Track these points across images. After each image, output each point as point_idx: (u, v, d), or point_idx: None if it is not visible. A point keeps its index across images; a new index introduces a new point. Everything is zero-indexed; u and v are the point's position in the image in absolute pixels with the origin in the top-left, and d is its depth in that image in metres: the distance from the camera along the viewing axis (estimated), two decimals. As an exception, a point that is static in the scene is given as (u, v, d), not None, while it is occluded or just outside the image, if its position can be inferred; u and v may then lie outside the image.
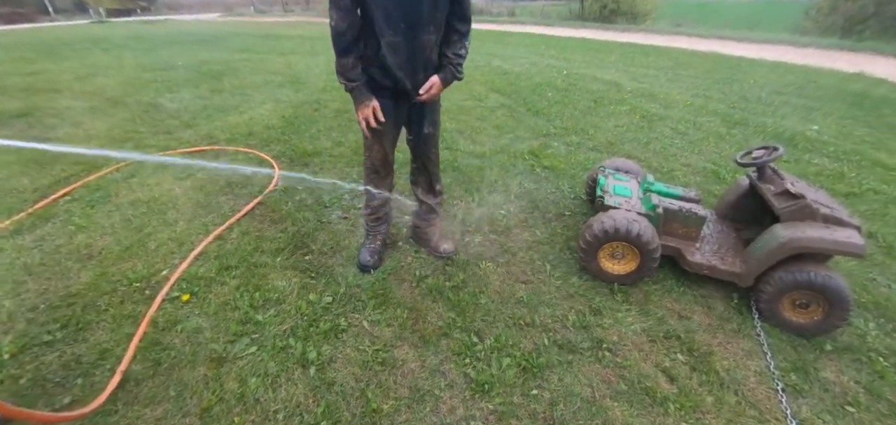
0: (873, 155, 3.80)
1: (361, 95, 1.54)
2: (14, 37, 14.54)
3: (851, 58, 10.28)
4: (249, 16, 27.34)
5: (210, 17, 25.97)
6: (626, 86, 6.37)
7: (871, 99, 5.98)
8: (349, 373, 1.41)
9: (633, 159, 3.45)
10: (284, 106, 4.60)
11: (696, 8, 41.73)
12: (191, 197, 2.55)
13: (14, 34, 16.48)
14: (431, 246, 2.07)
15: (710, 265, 1.86)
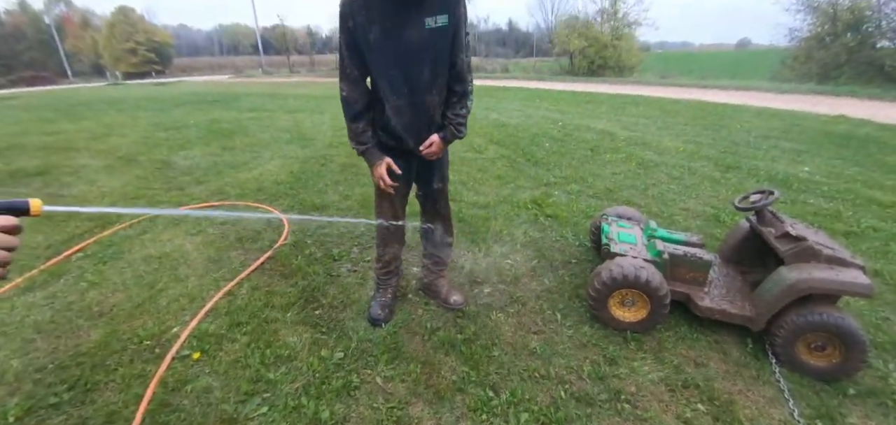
0: (867, 193, 3.89)
1: (373, 156, 1.63)
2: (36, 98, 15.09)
3: (831, 102, 10.73)
4: (258, 77, 28.63)
5: (221, 79, 27.16)
6: (619, 134, 6.59)
7: (856, 139, 6.19)
8: (365, 433, 1.37)
9: (633, 206, 3.52)
10: (292, 161, 4.73)
11: (679, 59, 43.99)
12: (202, 252, 2.58)
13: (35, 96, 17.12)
14: (441, 298, 2.07)
15: (721, 309, 1.87)
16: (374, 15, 1.44)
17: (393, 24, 1.44)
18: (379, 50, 1.48)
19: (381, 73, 1.54)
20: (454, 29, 1.51)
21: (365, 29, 1.45)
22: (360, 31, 1.46)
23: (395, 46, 1.47)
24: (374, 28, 1.45)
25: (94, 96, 14.16)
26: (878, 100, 10.97)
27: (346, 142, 5.83)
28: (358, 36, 1.47)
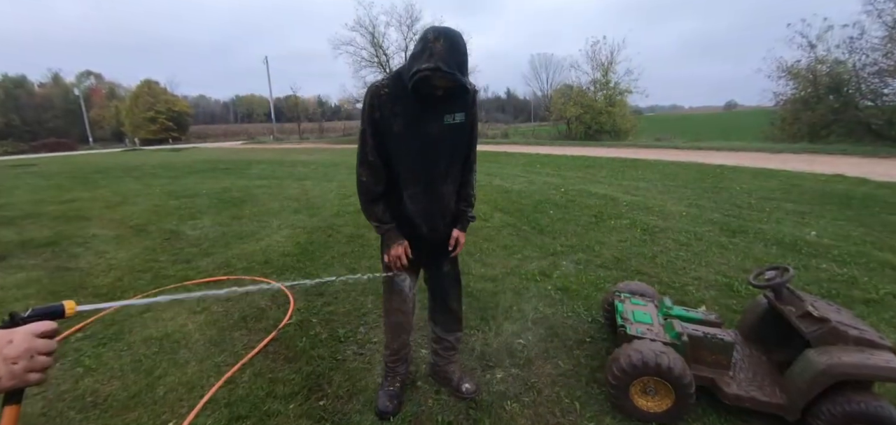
0: (879, 256, 3.83)
1: (393, 237, 1.69)
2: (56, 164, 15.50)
3: (825, 160, 10.95)
4: (269, 143, 29.71)
5: (234, 145, 28.15)
6: (621, 199, 6.66)
7: (857, 198, 6.23)
8: None
9: (643, 276, 3.47)
10: (299, 231, 4.76)
11: (670, 121, 45.62)
12: (204, 333, 2.50)
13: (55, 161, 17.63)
14: (453, 385, 1.97)
15: (750, 396, 1.76)
16: (399, 108, 1.54)
17: (415, 118, 1.55)
18: (401, 140, 1.58)
19: (401, 162, 1.62)
20: (470, 126, 1.67)
21: (389, 120, 1.55)
22: (385, 121, 1.56)
23: (416, 139, 1.57)
24: (397, 120, 1.55)
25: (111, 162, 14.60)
26: (871, 157, 11.19)
27: (352, 211, 5.93)
28: (382, 126, 1.57)
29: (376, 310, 2.80)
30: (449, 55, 1.38)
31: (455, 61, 1.40)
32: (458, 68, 1.41)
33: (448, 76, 1.39)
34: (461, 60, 1.42)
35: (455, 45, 1.41)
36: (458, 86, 1.46)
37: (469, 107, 1.63)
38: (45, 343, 0.68)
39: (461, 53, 1.42)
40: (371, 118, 1.57)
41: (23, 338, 0.66)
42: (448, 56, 1.38)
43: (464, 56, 1.44)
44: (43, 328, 0.69)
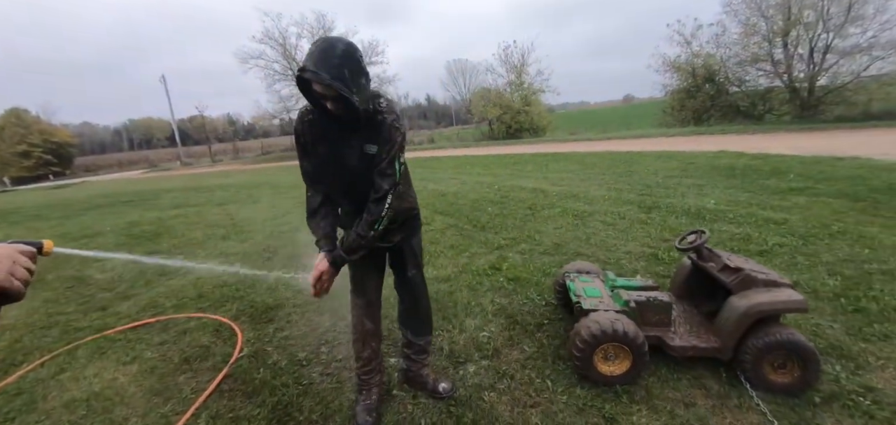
0: (763, 214, 4.58)
1: (318, 251, 1.66)
2: None
3: (710, 140, 12.77)
4: (176, 169, 26.68)
5: (134, 175, 24.80)
6: (550, 191, 7.12)
7: (739, 169, 7.36)
8: None
9: (582, 257, 3.76)
10: (232, 259, 4.37)
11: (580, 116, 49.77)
12: (141, 383, 2.20)
13: None
14: (429, 388, 1.97)
15: (692, 346, 2.01)
16: (320, 134, 1.59)
17: (336, 145, 1.59)
18: (325, 166, 1.64)
19: (328, 185, 1.69)
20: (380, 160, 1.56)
21: (314, 145, 1.61)
22: (310, 146, 1.62)
23: (338, 166, 1.62)
24: (320, 146, 1.61)
25: (-31, 213, 12.07)
26: (742, 134, 13.29)
27: (288, 230, 5.60)
28: (309, 149, 1.63)
29: (335, 329, 2.69)
30: (322, 58, 1.34)
31: (329, 65, 1.34)
32: (334, 72, 1.34)
33: (315, 76, 1.33)
34: (338, 64, 1.35)
35: (330, 48, 1.36)
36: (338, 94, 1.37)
37: (384, 143, 1.54)
38: (25, 259, 0.77)
39: (337, 57, 1.35)
40: (298, 142, 1.65)
41: (6, 248, 0.75)
42: (320, 59, 1.34)
43: (343, 61, 1.36)
44: (24, 247, 0.78)
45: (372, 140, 1.55)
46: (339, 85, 1.34)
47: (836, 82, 15.32)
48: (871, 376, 1.93)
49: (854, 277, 2.95)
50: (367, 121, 1.52)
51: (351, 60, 1.40)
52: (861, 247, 3.47)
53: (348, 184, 1.66)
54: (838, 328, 2.34)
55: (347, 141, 1.57)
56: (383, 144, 1.55)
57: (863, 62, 14.70)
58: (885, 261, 3.18)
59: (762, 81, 17.44)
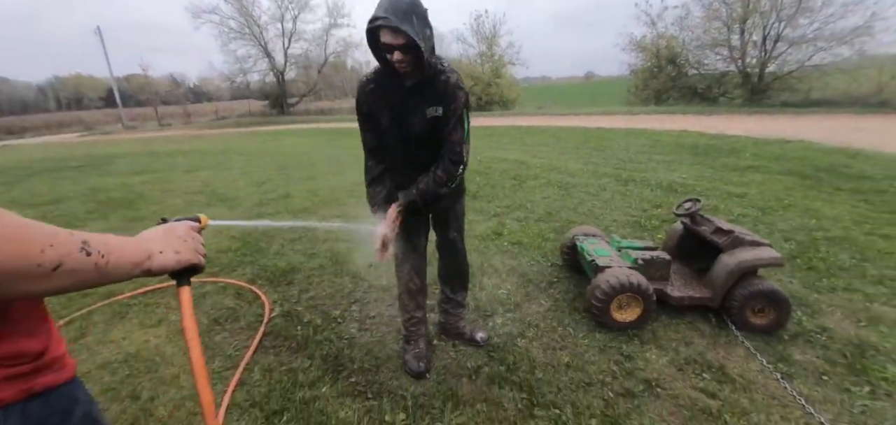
0: (725, 188, 5.10)
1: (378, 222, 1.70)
2: None
3: (673, 119, 13.58)
4: (119, 133, 24.53)
5: (69, 138, 22.53)
6: (531, 162, 7.41)
7: (701, 148, 7.99)
8: (470, 479, 1.42)
9: (572, 223, 4.06)
10: (226, 227, 4.30)
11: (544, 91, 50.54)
12: (177, 344, 2.24)
13: None
14: (466, 337, 2.18)
15: (688, 296, 2.34)
16: (384, 102, 1.64)
17: (400, 112, 1.64)
18: (386, 134, 1.69)
19: (388, 152, 1.76)
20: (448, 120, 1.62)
21: (376, 114, 1.66)
22: (372, 115, 1.67)
23: (400, 133, 1.67)
24: (383, 114, 1.65)
25: None
26: (700, 115, 14.24)
27: (276, 198, 5.52)
28: (370, 120, 1.69)
29: (359, 289, 2.82)
30: (391, 5, 1.36)
31: (399, 11, 1.36)
32: (404, 19, 1.36)
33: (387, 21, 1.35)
34: (407, 10, 1.37)
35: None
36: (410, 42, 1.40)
37: (447, 103, 1.59)
38: (198, 236, 0.84)
39: (406, 4, 1.38)
40: (360, 113, 1.70)
41: (183, 226, 0.81)
42: (390, 6, 1.36)
43: (411, 8, 1.38)
44: (193, 225, 0.85)
45: (436, 102, 1.59)
46: (408, 29, 1.38)
47: (783, 70, 16.66)
48: (824, 319, 2.36)
49: (805, 242, 3.45)
50: (430, 82, 1.57)
51: (418, 8, 1.42)
52: (809, 218, 4.02)
53: (410, 152, 1.70)
54: (796, 283, 2.78)
55: (410, 105, 1.61)
56: (449, 103, 1.59)
57: (808, 52, 16.06)
58: (828, 229, 3.72)
59: (719, 66, 18.60)
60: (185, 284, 0.83)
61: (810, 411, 1.68)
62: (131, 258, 0.65)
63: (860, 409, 1.70)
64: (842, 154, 6.91)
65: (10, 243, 0.47)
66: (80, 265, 0.55)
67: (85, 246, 0.55)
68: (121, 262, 0.62)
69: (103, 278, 0.59)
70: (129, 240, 0.67)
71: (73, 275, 0.54)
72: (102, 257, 0.58)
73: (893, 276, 2.82)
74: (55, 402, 0.62)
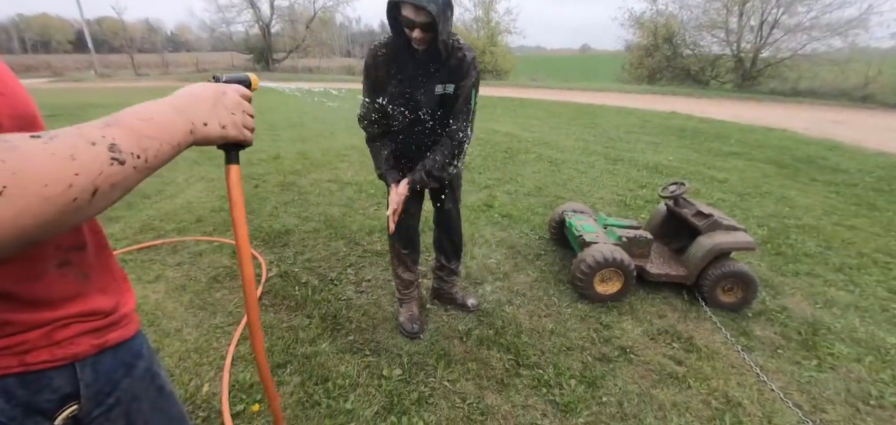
0: (708, 172, 5.29)
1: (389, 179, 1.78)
2: None
3: (663, 100, 13.70)
4: (92, 80, 23.40)
5: (37, 83, 21.37)
6: (523, 136, 7.47)
7: (688, 131, 8.16)
8: (461, 429, 1.57)
9: (561, 199, 4.19)
10: (218, 184, 4.30)
11: (538, 62, 49.88)
12: (178, 299, 2.32)
13: None
14: (458, 303, 2.31)
15: (665, 273, 2.51)
16: (394, 70, 1.64)
17: (409, 82, 1.65)
18: (393, 103, 1.69)
19: (393, 121, 1.75)
20: (458, 97, 1.67)
21: (385, 81, 1.66)
22: (381, 82, 1.67)
23: (407, 104, 1.68)
24: (393, 82, 1.66)
25: None
26: (690, 97, 14.37)
27: (266, 159, 5.48)
28: (378, 86, 1.68)
29: (355, 253, 2.92)
30: None
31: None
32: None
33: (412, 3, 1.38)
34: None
35: None
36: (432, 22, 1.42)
37: (460, 79, 1.62)
38: (248, 105, 0.72)
39: None
40: (368, 78, 1.70)
41: (233, 93, 0.69)
42: None
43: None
44: (243, 91, 0.72)
45: (447, 79, 1.62)
46: (433, 7, 1.40)
47: (776, 56, 16.81)
48: (786, 300, 2.56)
49: (776, 229, 3.66)
50: (445, 59, 1.59)
51: None
52: (783, 206, 4.23)
53: (414, 124, 1.72)
54: (765, 266, 2.99)
55: (421, 80, 1.63)
56: (460, 82, 1.62)
57: (802, 41, 16.21)
58: (799, 217, 3.94)
59: (714, 48, 18.64)
60: (233, 162, 0.75)
61: (764, 379, 1.88)
62: (172, 140, 0.55)
63: (807, 380, 1.91)
64: (821, 146, 7.17)
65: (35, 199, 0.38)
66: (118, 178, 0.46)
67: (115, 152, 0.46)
68: (161, 151, 0.53)
69: (147, 173, 0.52)
70: (169, 116, 0.56)
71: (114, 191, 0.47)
72: (139, 158, 0.49)
73: (852, 264, 3.05)
74: (122, 356, 0.65)
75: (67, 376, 0.57)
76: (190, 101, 0.61)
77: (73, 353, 0.57)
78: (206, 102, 0.63)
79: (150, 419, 0.71)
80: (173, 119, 0.56)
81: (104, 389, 0.62)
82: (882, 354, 2.10)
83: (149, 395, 0.71)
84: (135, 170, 0.49)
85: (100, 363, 0.61)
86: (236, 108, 0.68)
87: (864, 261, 3.12)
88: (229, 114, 0.66)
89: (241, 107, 0.69)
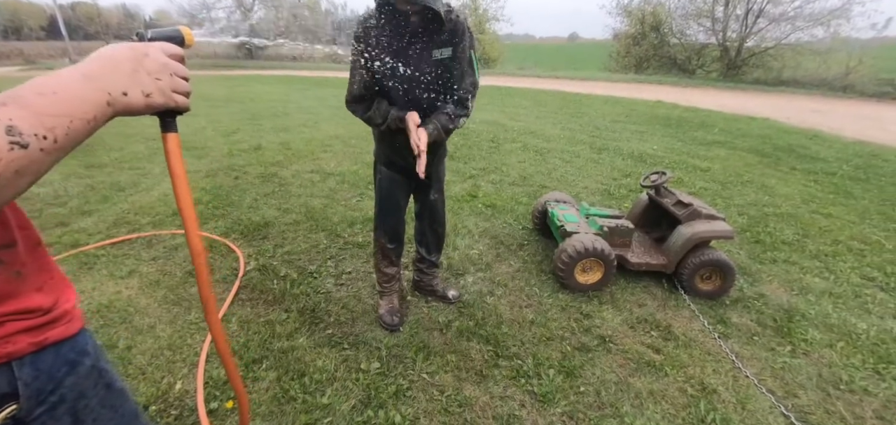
0: (691, 162, 5.34)
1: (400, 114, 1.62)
2: None
3: (649, 89, 13.79)
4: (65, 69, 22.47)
5: (8, 72, 20.54)
6: (509, 125, 7.45)
7: (673, 120, 8.23)
8: (438, 423, 1.56)
9: (546, 188, 4.19)
10: (195, 176, 4.19)
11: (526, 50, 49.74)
12: (151, 295, 2.26)
13: None
14: (439, 294, 2.29)
15: (645, 262, 2.53)
16: (386, 41, 1.55)
17: (403, 52, 1.56)
18: (387, 76, 1.59)
19: (388, 96, 1.66)
20: (457, 62, 1.61)
21: (377, 54, 1.55)
22: (372, 55, 1.55)
23: (402, 73, 1.58)
24: (385, 54, 1.56)
25: None
26: (676, 86, 14.49)
27: (247, 149, 5.37)
28: (370, 60, 1.57)
29: (335, 245, 2.87)
30: None
31: None
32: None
33: None
34: None
35: None
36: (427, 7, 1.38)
37: (456, 43, 1.57)
38: (179, 65, 0.64)
39: None
40: (358, 51, 1.58)
41: (157, 53, 0.61)
42: None
43: None
44: (172, 50, 0.64)
45: (444, 43, 1.54)
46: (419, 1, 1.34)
47: (761, 46, 17.02)
48: (763, 287, 2.61)
49: (756, 217, 3.71)
50: (437, 21, 1.50)
51: None
52: (763, 194, 4.30)
53: (408, 96, 1.61)
54: (743, 254, 3.03)
55: (415, 47, 1.54)
56: (458, 44, 1.56)
57: (786, 30, 16.43)
58: (778, 206, 4.00)
59: (701, 37, 18.79)
60: (169, 130, 0.68)
61: (739, 366, 1.91)
62: (85, 116, 0.49)
63: (781, 365, 1.95)
64: (802, 135, 7.30)
65: None
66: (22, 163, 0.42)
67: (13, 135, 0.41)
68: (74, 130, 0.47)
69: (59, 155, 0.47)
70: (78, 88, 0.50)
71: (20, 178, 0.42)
72: (46, 138, 0.44)
73: (827, 251, 3.11)
74: (64, 354, 0.63)
75: (5, 376, 0.56)
76: (104, 68, 0.54)
77: (9, 352, 0.56)
78: (124, 68, 0.56)
79: (100, 416, 0.69)
80: (84, 91, 0.50)
81: (46, 388, 0.61)
82: (853, 339, 2.15)
83: (97, 393, 0.69)
84: (43, 152, 0.44)
85: (40, 361, 0.59)
86: (162, 72, 0.60)
87: (840, 248, 3.18)
88: (153, 80, 0.59)
89: (167, 69, 0.61)
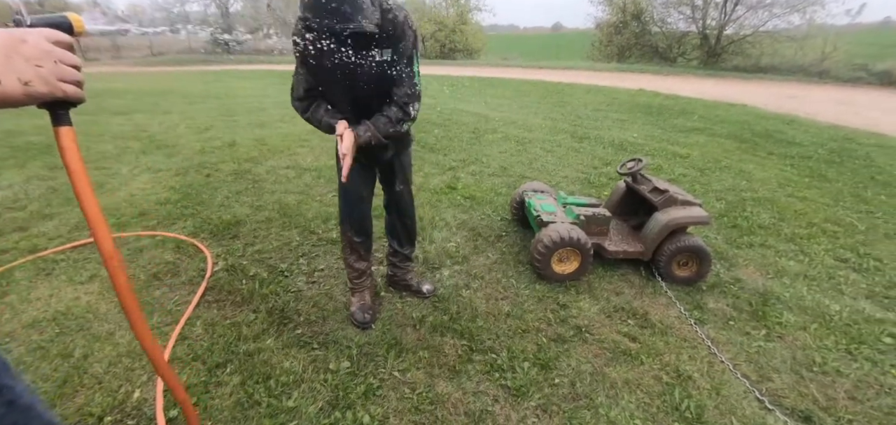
0: (671, 149, 5.37)
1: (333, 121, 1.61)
2: None
3: (631, 77, 13.89)
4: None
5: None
6: (491, 116, 7.40)
7: (654, 108, 8.28)
8: (408, 421, 1.51)
9: (526, 178, 4.16)
10: (165, 175, 4.03)
11: (511, 40, 49.67)
12: (112, 300, 2.14)
13: None
14: (413, 289, 2.23)
15: (622, 250, 2.51)
16: (324, 43, 1.46)
17: (341, 55, 1.47)
18: (326, 76, 1.54)
19: (330, 97, 1.63)
20: (397, 63, 1.55)
21: (315, 55, 1.48)
22: (309, 55, 1.49)
23: (341, 76, 1.52)
24: (323, 55, 1.47)
25: None
26: (657, 74, 14.62)
27: (220, 146, 5.21)
28: (308, 60, 1.51)
29: (308, 242, 2.79)
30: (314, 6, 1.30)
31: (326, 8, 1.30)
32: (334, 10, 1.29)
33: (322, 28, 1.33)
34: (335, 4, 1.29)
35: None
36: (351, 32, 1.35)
37: (395, 44, 1.50)
38: (65, 52, 0.61)
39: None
40: (297, 51, 1.53)
41: (37, 39, 0.57)
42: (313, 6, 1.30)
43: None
44: (57, 36, 0.61)
45: (383, 44, 1.49)
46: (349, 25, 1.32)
47: (739, 33, 17.29)
48: (739, 272, 2.62)
49: (733, 202, 3.75)
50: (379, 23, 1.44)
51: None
52: (740, 179, 4.35)
53: (356, 98, 1.59)
54: (720, 239, 3.05)
55: (356, 50, 1.48)
56: (397, 44, 1.50)
57: (763, 17, 16.72)
58: (755, 190, 4.05)
59: (681, 25, 18.98)
60: (62, 123, 0.64)
61: (714, 351, 1.90)
62: None
63: (755, 350, 1.95)
64: (779, 120, 7.42)
65: None
66: None
67: None
68: None
69: None
70: None
71: None
72: None
73: (802, 234, 3.15)
74: None
75: None
76: None
77: None
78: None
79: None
80: None
81: None
82: (827, 321, 2.17)
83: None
84: None
85: None
86: (43, 59, 0.57)
87: (814, 230, 3.23)
88: (32, 67, 0.56)
89: (51, 56, 0.58)
